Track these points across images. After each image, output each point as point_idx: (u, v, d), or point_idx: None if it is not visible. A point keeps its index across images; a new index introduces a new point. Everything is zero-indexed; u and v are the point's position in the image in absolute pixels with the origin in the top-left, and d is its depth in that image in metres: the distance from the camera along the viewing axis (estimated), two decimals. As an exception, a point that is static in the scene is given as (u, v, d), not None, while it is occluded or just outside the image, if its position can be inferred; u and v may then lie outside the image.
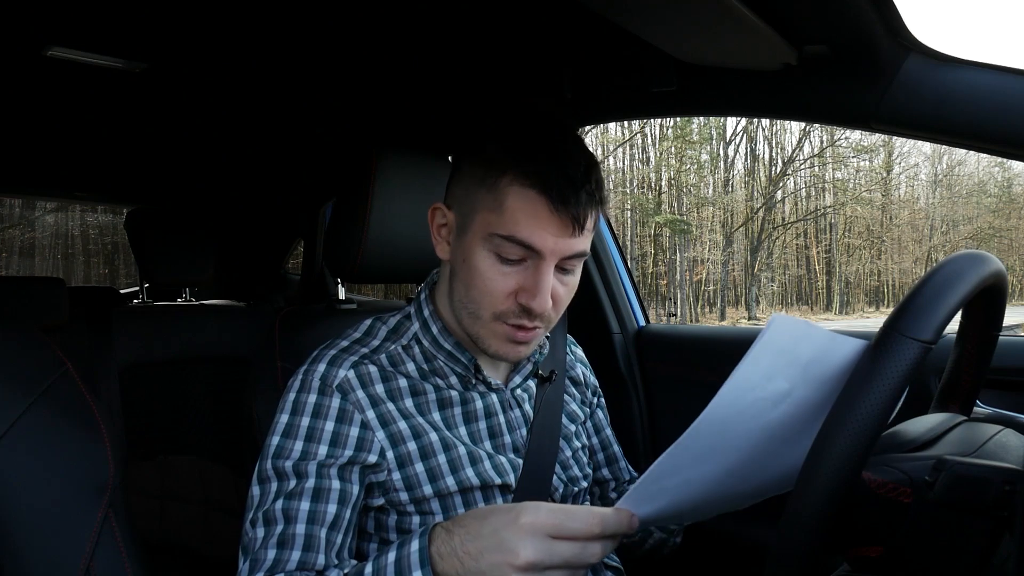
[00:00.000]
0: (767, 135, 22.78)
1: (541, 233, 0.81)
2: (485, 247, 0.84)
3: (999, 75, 0.88)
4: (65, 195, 3.12)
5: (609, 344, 1.64)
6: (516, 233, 0.82)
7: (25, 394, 0.84)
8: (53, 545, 0.80)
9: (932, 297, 0.62)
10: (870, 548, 0.69)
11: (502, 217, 0.82)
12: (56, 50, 1.29)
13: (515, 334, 0.87)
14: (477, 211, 0.85)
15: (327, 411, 0.87)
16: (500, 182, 0.82)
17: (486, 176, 0.84)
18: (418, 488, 0.88)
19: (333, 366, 0.89)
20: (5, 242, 14.08)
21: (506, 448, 0.95)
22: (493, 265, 0.84)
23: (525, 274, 0.84)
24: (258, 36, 1.28)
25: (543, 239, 0.82)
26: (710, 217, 22.61)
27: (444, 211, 0.91)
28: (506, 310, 0.86)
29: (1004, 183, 23.75)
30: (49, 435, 0.85)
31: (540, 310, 0.84)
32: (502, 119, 0.90)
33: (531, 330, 0.87)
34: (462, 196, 0.88)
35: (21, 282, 1.65)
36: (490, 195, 0.83)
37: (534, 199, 0.81)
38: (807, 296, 23.97)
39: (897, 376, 0.59)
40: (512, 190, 0.82)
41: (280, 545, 0.80)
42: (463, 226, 0.88)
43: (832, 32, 0.93)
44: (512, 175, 0.82)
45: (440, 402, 0.93)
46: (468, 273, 0.86)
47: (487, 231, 0.84)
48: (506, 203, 0.82)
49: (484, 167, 0.84)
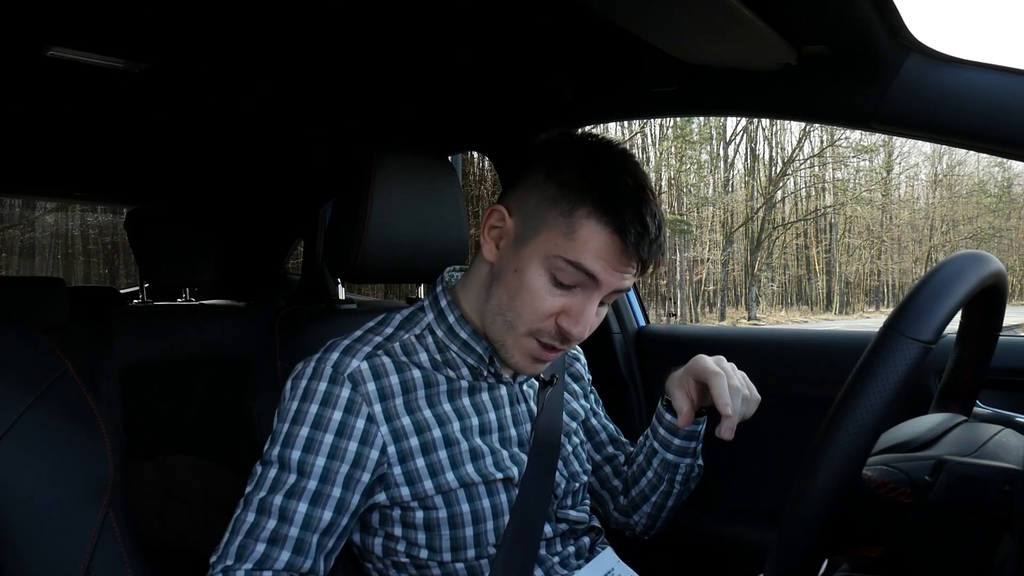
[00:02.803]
0: (767, 135, 22.78)
1: (605, 268, 0.84)
2: (543, 266, 0.86)
3: (999, 75, 0.88)
4: (65, 195, 3.13)
5: (609, 344, 1.64)
6: (583, 261, 0.83)
7: (25, 394, 0.84)
8: (53, 545, 0.80)
9: (932, 297, 0.62)
10: (870, 548, 0.69)
11: (573, 243, 0.84)
12: (56, 50, 1.29)
13: (541, 353, 0.89)
14: (544, 229, 0.86)
15: (336, 400, 0.87)
16: (577, 211, 0.84)
17: (561, 200, 0.85)
18: (419, 483, 0.88)
19: (347, 355, 0.90)
20: (5, 242, 14.07)
21: (511, 442, 0.96)
22: (546, 285, 0.86)
23: (573, 300, 0.86)
24: (258, 36, 1.28)
25: (605, 273, 0.84)
26: (710, 217, 22.60)
27: (503, 215, 0.91)
28: (543, 329, 0.87)
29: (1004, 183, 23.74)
30: (49, 435, 0.84)
31: (578, 337, 0.87)
32: (584, 142, 0.90)
33: (556, 351, 0.89)
34: (530, 209, 0.88)
35: (21, 282, 1.65)
36: (563, 219, 0.84)
37: (608, 235, 0.83)
38: (807, 296, 23.97)
39: (897, 376, 0.59)
40: (589, 223, 0.83)
41: (271, 542, 0.82)
42: (523, 238, 0.88)
43: (832, 32, 0.93)
44: (591, 208, 0.83)
45: (451, 393, 0.93)
46: (517, 285, 0.87)
47: (551, 252, 0.85)
48: (579, 232, 0.83)
49: (561, 189, 0.85)
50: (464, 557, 0.91)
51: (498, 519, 0.92)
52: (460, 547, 0.90)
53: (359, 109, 1.70)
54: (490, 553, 0.92)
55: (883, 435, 0.75)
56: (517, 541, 0.92)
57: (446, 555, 0.90)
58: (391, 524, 0.91)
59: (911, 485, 0.67)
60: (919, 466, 0.67)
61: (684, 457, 1.05)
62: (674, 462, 1.05)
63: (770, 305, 22.95)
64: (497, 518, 0.92)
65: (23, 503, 0.80)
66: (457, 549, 0.90)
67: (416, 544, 0.90)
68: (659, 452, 1.06)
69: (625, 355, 1.64)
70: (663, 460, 1.06)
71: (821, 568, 0.75)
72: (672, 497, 1.09)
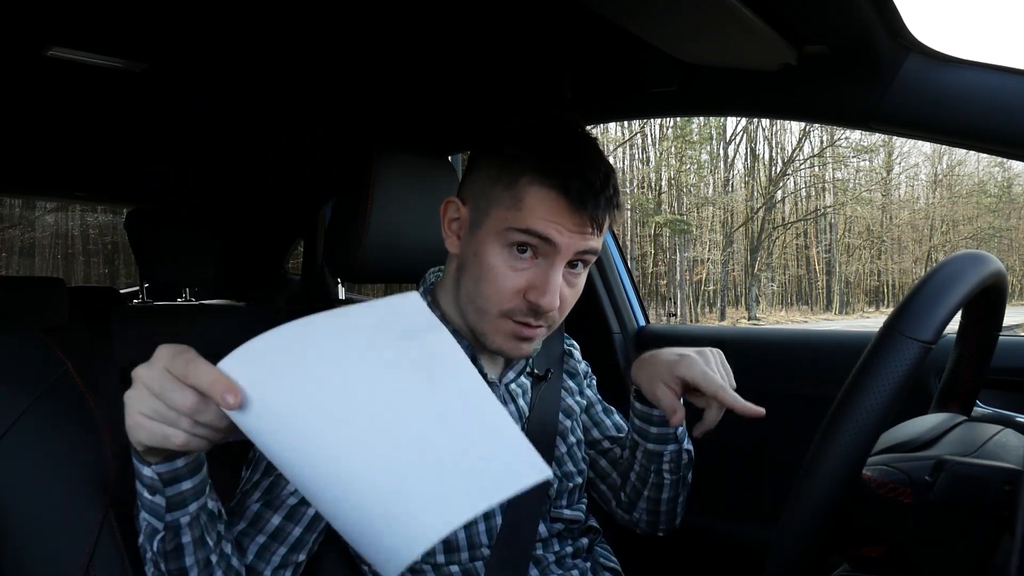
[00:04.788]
0: (767, 135, 22.79)
1: (558, 227, 0.83)
2: (499, 242, 0.86)
3: (999, 75, 0.88)
4: (65, 195, 3.13)
5: (609, 344, 1.64)
6: (533, 226, 0.83)
7: (25, 394, 0.84)
8: (53, 545, 0.80)
9: (932, 297, 0.62)
10: (870, 548, 0.69)
11: (521, 213, 0.84)
12: (56, 50, 1.29)
13: (520, 331, 0.88)
14: (493, 207, 0.86)
15: None
16: (520, 181, 0.84)
17: (504, 174, 0.85)
18: None
19: None
20: (5, 242, 14.08)
21: None
22: (505, 261, 0.86)
23: (536, 271, 0.86)
24: (258, 36, 1.28)
25: (560, 233, 0.83)
26: (710, 217, 22.61)
27: (458, 205, 0.92)
28: (513, 307, 0.87)
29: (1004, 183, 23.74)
30: (49, 435, 0.84)
31: (548, 307, 0.85)
32: (522, 120, 0.91)
33: (536, 327, 0.88)
34: (478, 192, 0.89)
35: (21, 282, 1.65)
36: (508, 192, 0.85)
37: (554, 198, 0.83)
38: (807, 296, 23.97)
39: (897, 376, 0.59)
40: (532, 189, 0.84)
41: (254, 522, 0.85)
42: (477, 221, 0.88)
43: (832, 32, 0.93)
44: (532, 175, 0.84)
45: None
46: (479, 268, 0.87)
47: (503, 226, 0.85)
48: (525, 200, 0.84)
49: (503, 166, 0.86)
50: (458, 559, 0.90)
51: (489, 520, 0.92)
52: (453, 549, 0.90)
53: (359, 109, 1.70)
54: (484, 555, 0.91)
55: (883, 435, 0.76)
56: (510, 542, 0.91)
57: (439, 557, 0.90)
58: None
59: (911, 485, 0.67)
60: (919, 466, 0.67)
61: (665, 444, 1.00)
62: (656, 451, 1.00)
63: (770, 305, 22.95)
64: (488, 519, 0.91)
65: (23, 503, 0.80)
66: (450, 551, 0.90)
67: None
68: (639, 444, 1.02)
69: (625, 355, 1.64)
70: (645, 451, 1.01)
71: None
72: (665, 489, 1.04)
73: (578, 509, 1.04)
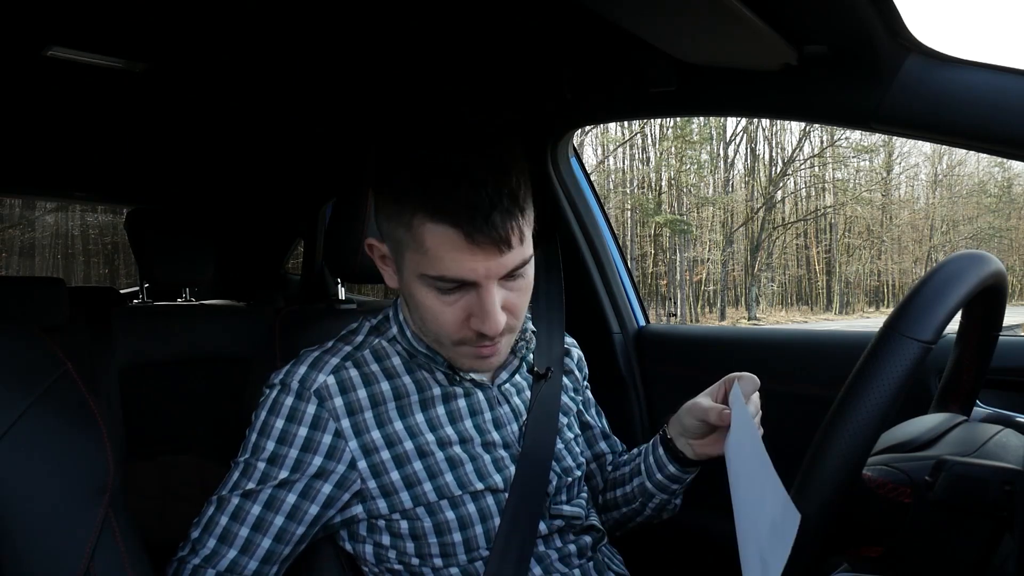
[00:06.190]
0: (767, 135, 22.78)
1: (470, 265, 0.78)
2: (422, 284, 0.82)
3: (999, 75, 0.88)
4: (65, 195, 3.13)
5: (609, 344, 1.64)
6: (445, 273, 0.79)
7: (25, 394, 0.84)
8: (53, 545, 0.80)
9: (932, 297, 0.62)
10: (870, 548, 0.69)
11: (426, 257, 0.78)
12: (56, 50, 1.29)
13: (480, 352, 0.86)
14: (404, 251, 0.82)
15: (301, 416, 0.87)
16: (413, 221, 0.78)
17: (401, 212, 0.79)
18: (395, 495, 0.88)
19: (314, 369, 0.89)
20: (5, 242, 14.08)
21: (495, 445, 0.95)
22: (436, 300, 0.82)
23: (469, 300, 0.81)
24: (258, 36, 1.28)
25: (473, 270, 0.78)
26: (710, 217, 22.60)
27: (377, 246, 0.89)
28: (463, 337, 0.84)
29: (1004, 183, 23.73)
30: (49, 436, 0.84)
31: (493, 332, 0.81)
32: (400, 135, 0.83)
33: (494, 344, 0.86)
34: (387, 233, 0.85)
35: (21, 282, 1.65)
36: (408, 235, 0.79)
37: (452, 236, 0.76)
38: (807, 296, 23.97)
39: (897, 376, 0.59)
40: (427, 229, 0.77)
41: (222, 539, 0.86)
42: (397, 263, 0.85)
43: (832, 32, 0.93)
44: (422, 214, 0.77)
45: (423, 402, 0.92)
46: (416, 307, 0.85)
47: (418, 271, 0.81)
48: (425, 243, 0.78)
49: (397, 201, 0.79)
50: (457, 562, 0.90)
51: (487, 522, 0.91)
52: (451, 553, 0.90)
53: (359, 109, 1.70)
54: (484, 556, 0.91)
55: (883, 435, 0.75)
56: (511, 542, 0.91)
57: (437, 560, 0.90)
58: (379, 534, 0.91)
59: (911, 485, 0.67)
60: (919, 466, 0.67)
61: (662, 492, 1.04)
62: (651, 491, 1.04)
63: (770, 305, 22.95)
64: (486, 521, 0.91)
65: (23, 503, 0.80)
66: (448, 555, 0.90)
67: (406, 552, 0.90)
68: (642, 475, 1.05)
69: (625, 355, 1.64)
70: (642, 485, 1.05)
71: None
72: (642, 516, 1.09)
73: (577, 505, 1.03)
